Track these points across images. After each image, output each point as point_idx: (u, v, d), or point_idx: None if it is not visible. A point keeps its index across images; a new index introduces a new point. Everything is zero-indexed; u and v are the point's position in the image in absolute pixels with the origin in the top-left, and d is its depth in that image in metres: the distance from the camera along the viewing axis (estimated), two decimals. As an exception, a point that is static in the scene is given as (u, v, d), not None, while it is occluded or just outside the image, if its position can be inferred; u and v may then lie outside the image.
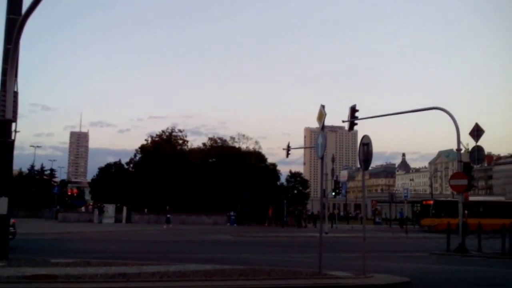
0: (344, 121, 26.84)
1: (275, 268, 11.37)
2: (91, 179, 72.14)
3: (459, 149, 20.78)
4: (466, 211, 26.27)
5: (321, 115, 11.60)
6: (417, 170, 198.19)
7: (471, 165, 21.68)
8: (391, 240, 29.71)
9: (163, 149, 54.22)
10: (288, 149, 40.89)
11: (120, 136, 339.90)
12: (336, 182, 44.90)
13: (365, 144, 11.61)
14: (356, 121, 26.23)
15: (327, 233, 31.01)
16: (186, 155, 55.17)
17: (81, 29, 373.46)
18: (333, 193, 42.98)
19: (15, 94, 11.24)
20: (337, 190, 43.10)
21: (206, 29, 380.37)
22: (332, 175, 45.84)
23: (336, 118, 29.37)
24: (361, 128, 37.29)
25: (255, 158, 55.90)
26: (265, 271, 10.61)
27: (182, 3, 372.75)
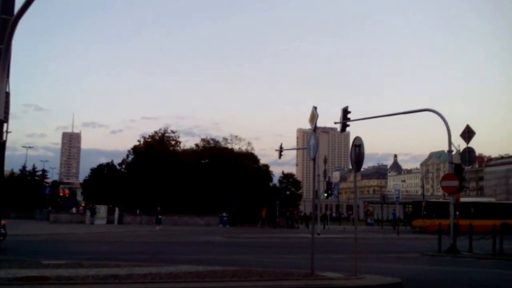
0: (336, 123, 26.94)
1: (267, 269, 11.38)
2: (83, 180, 71.83)
3: (450, 150, 20.93)
4: (458, 212, 26.42)
5: (313, 116, 11.64)
6: (409, 171, 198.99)
7: (462, 166, 21.82)
8: (383, 241, 29.83)
9: (156, 150, 54.09)
10: (281, 150, 40.94)
11: (112, 137, 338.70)
12: (328, 183, 45.02)
13: (357, 146, 11.65)
14: (348, 123, 26.37)
15: (319, 234, 31.09)
16: (178, 156, 55.08)
17: (74, 30, 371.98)
18: (325, 194, 43.08)
19: (7, 94, 11.17)
20: (329, 191, 43.20)
21: (199, 30, 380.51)
22: (325, 176, 45.93)
23: (329, 119, 29.50)
24: (353, 129, 37.41)
25: (248, 159, 55.95)
26: (257, 272, 10.62)
27: (175, 4, 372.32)
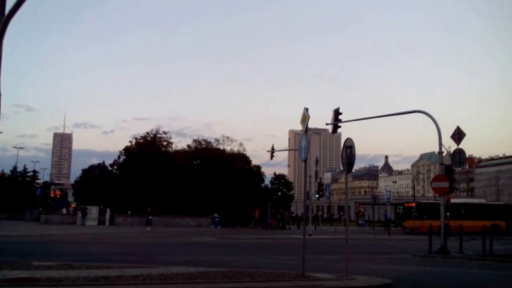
0: (327, 124, 27.05)
1: (259, 270, 11.38)
2: (74, 181, 71.51)
3: (440, 152, 21.03)
4: (448, 213, 26.63)
5: (305, 118, 11.66)
6: (400, 173, 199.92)
7: (452, 167, 21.95)
8: (374, 242, 29.92)
9: (148, 151, 53.97)
10: (273, 151, 40.96)
11: (104, 138, 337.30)
12: (320, 184, 45.05)
13: (348, 147, 11.69)
14: (339, 124, 26.43)
15: (310, 235, 31.13)
16: (170, 157, 54.99)
17: (65, 30, 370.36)
18: (317, 195, 43.10)
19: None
20: (321, 192, 43.22)
21: (192, 31, 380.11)
22: (316, 177, 46.00)
23: (320, 120, 29.61)
24: (344, 130, 37.52)
25: (240, 160, 56.01)
26: (248, 274, 10.62)
27: (166, 6, 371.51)
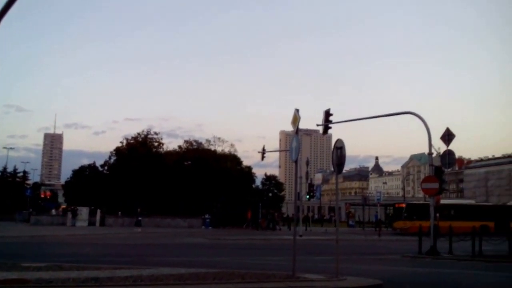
0: (318, 125, 27.08)
1: (249, 271, 11.41)
2: (65, 182, 71.08)
3: (430, 153, 21.19)
4: (438, 214, 26.80)
5: (296, 119, 11.71)
6: (390, 174, 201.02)
7: (442, 169, 22.10)
8: (364, 242, 30.06)
9: (138, 152, 53.79)
10: (263, 152, 40.98)
11: (95, 138, 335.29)
12: (311, 185, 45.17)
13: (339, 148, 11.74)
14: (330, 125, 26.51)
15: (301, 236, 31.18)
16: (161, 158, 54.83)
17: (56, 31, 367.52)
18: (308, 196, 43.17)
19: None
20: (311, 193, 43.26)
21: (182, 32, 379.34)
22: (307, 178, 46.16)
23: (311, 121, 29.63)
24: (335, 131, 37.68)
25: (231, 161, 55.96)
26: (239, 275, 10.64)
27: (157, 7, 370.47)
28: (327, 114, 26.12)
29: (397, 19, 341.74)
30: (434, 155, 21.60)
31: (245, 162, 59.37)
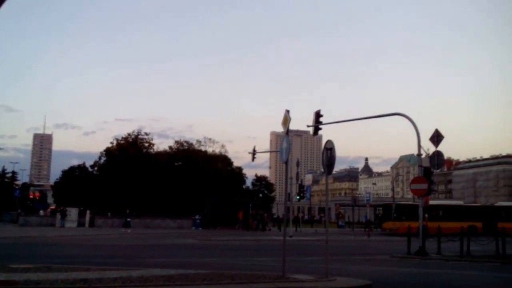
0: (309, 126, 27.13)
1: (239, 272, 11.42)
2: (54, 182, 70.56)
3: (419, 154, 21.30)
4: (427, 215, 26.96)
5: (286, 120, 11.73)
6: (380, 174, 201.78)
7: (431, 169, 22.25)
8: (353, 243, 30.19)
9: (129, 152, 53.51)
10: (254, 153, 41.01)
11: (85, 139, 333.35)
12: (301, 185, 45.17)
13: (329, 149, 11.79)
14: (320, 126, 26.55)
15: (291, 236, 31.27)
16: (152, 158, 54.62)
17: (45, 30, 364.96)
18: (298, 197, 43.21)
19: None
20: (302, 194, 43.29)
21: (173, 33, 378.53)
22: (297, 179, 46.13)
23: (302, 122, 29.68)
24: (325, 132, 37.79)
25: (221, 161, 55.95)
26: (228, 276, 10.64)
27: (147, 7, 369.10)
28: (318, 115, 26.16)
29: (388, 21, 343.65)
30: (423, 156, 21.74)
31: (236, 163, 59.60)
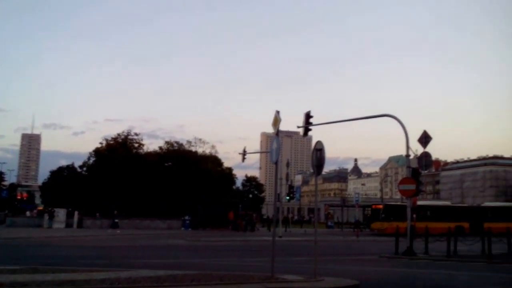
0: (299, 127, 27.22)
1: (228, 273, 11.41)
2: (42, 183, 70.02)
3: (408, 155, 21.44)
4: (414, 215, 27.17)
5: (276, 120, 11.77)
6: (369, 175, 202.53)
7: (419, 170, 22.41)
8: (342, 243, 30.28)
9: (118, 153, 53.21)
10: (244, 153, 41.01)
11: (74, 139, 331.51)
12: (291, 186, 45.30)
13: (318, 150, 11.83)
14: (310, 127, 26.65)
15: (280, 237, 31.32)
16: (141, 159, 54.36)
17: (34, 30, 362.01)
18: (287, 197, 43.32)
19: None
20: (291, 195, 43.40)
21: (162, 32, 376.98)
22: (287, 179, 46.27)
23: (292, 123, 29.76)
24: (315, 133, 37.87)
25: (212, 162, 55.86)
26: (217, 276, 10.63)
27: (136, 7, 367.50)
28: (308, 116, 26.26)
29: (378, 21, 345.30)
30: (411, 157, 21.87)
31: (226, 164, 59.52)
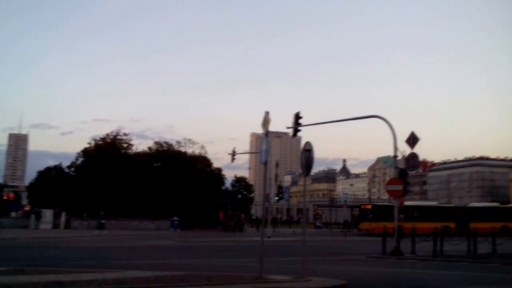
0: (288, 127, 27.29)
1: (216, 273, 11.42)
2: (29, 183, 69.29)
3: (395, 156, 21.62)
4: (402, 215, 27.35)
5: (266, 121, 11.78)
6: (357, 176, 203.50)
7: (406, 171, 22.59)
8: (330, 243, 30.40)
9: (107, 153, 52.83)
10: (234, 154, 41.05)
11: (62, 139, 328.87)
12: (280, 186, 45.35)
13: (307, 150, 11.88)
14: (299, 128, 26.72)
15: (269, 237, 31.34)
16: (130, 159, 54.03)
17: (21, 28, 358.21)
18: (276, 198, 43.35)
19: None
20: (280, 195, 43.45)
21: (153, 33, 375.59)
22: (276, 180, 46.31)
23: (282, 124, 29.85)
24: (304, 134, 37.93)
25: (201, 162, 55.70)
26: (205, 277, 10.63)
27: (125, 6, 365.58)
28: (297, 117, 26.33)
29: (367, 22, 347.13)
30: (399, 158, 22.05)
31: (216, 164, 59.39)
